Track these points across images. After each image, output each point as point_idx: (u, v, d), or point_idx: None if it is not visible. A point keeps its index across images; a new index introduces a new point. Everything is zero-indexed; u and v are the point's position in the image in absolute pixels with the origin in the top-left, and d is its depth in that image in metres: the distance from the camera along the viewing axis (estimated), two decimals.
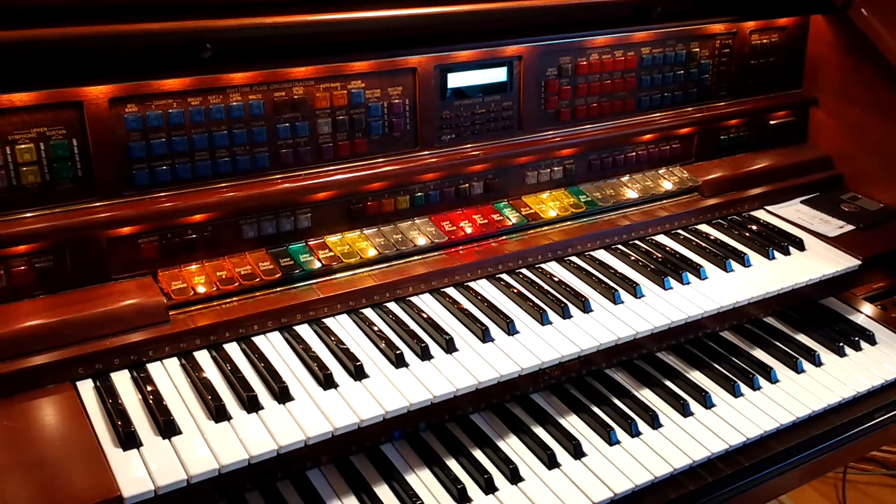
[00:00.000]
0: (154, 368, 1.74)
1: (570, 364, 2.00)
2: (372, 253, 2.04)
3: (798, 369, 2.15)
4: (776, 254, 2.37)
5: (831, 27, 2.73)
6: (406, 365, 1.81)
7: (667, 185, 2.51)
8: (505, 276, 2.16)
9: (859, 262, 2.38)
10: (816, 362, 2.18)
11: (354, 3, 1.93)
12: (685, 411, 1.96)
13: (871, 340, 2.30)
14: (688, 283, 2.19)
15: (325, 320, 1.93)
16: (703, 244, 2.38)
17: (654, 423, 1.92)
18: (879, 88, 2.61)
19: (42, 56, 1.67)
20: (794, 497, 3.55)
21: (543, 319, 1.98)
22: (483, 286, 2.12)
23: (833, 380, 2.12)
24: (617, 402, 1.99)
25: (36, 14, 1.60)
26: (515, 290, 2.09)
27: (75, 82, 1.73)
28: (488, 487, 1.71)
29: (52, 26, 1.62)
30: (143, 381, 1.69)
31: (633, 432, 1.88)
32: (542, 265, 2.23)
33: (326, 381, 1.72)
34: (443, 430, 1.87)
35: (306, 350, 1.81)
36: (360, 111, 2.07)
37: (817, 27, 2.78)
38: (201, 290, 1.85)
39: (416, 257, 2.10)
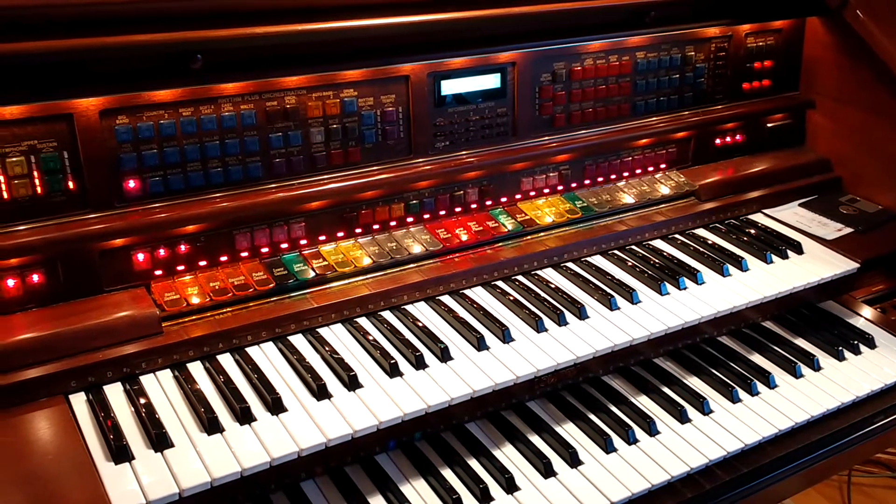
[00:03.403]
0: (147, 381, 1.73)
1: (566, 371, 1.99)
2: (366, 261, 2.03)
3: (797, 374, 2.13)
4: (774, 257, 2.36)
5: (827, 29, 2.72)
6: (400, 374, 1.80)
7: (663, 190, 2.50)
8: (500, 284, 2.15)
9: (858, 265, 2.37)
10: (815, 367, 2.17)
11: (346, 11, 1.93)
12: (683, 418, 1.95)
13: (871, 344, 2.28)
14: (685, 289, 2.18)
15: (319, 330, 1.92)
16: (701, 248, 2.37)
17: (652, 430, 1.90)
18: (876, 90, 2.60)
19: (31, 69, 1.67)
20: (798, 500, 3.53)
21: (539, 327, 1.97)
22: (478, 293, 2.11)
23: (832, 384, 2.11)
24: (614, 409, 1.98)
25: (24, 27, 1.59)
26: (511, 298, 2.08)
27: (65, 95, 1.72)
28: (484, 497, 1.70)
29: (41, 39, 1.61)
30: (135, 394, 1.68)
31: (631, 440, 1.87)
32: (538, 272, 2.22)
33: (320, 392, 1.72)
34: (438, 439, 1.86)
35: (300, 360, 1.80)
36: (353, 119, 2.07)
37: (813, 29, 2.77)
38: (195, 301, 1.84)
39: (410, 265, 2.09)
